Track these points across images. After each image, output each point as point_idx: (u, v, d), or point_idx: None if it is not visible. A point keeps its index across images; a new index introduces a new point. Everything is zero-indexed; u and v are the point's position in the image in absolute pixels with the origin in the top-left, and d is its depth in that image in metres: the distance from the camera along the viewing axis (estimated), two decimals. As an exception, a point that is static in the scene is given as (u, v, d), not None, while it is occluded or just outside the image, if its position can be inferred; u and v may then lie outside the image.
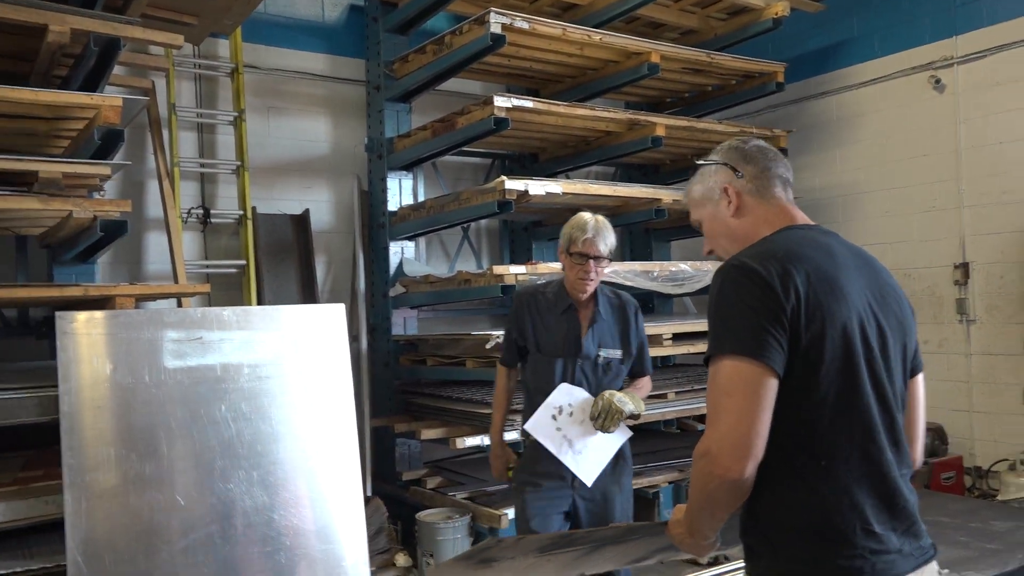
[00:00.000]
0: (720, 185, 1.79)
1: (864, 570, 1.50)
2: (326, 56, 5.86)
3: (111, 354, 3.13)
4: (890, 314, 1.68)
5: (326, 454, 3.45)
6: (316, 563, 3.31)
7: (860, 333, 1.58)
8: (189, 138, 5.38)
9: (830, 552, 1.52)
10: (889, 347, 1.65)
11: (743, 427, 1.47)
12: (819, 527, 1.53)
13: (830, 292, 1.56)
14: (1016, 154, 5.57)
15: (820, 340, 1.52)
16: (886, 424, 1.59)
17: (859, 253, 1.73)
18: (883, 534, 1.54)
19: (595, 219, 3.22)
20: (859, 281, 1.64)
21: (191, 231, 5.31)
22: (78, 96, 3.29)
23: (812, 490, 1.54)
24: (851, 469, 1.54)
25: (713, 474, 1.50)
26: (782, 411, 1.51)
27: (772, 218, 1.74)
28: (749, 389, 1.48)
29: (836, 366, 1.53)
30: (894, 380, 1.65)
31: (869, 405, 1.57)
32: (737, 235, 1.77)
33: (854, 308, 1.58)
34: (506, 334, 3.42)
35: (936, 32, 5.99)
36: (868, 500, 1.54)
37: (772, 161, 1.79)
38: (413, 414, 5.37)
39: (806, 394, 1.53)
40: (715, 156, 1.85)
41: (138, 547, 2.99)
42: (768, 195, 1.76)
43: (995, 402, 5.72)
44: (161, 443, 3.12)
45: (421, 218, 5.38)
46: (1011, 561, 3.83)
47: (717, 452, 1.49)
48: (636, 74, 5.49)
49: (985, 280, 5.76)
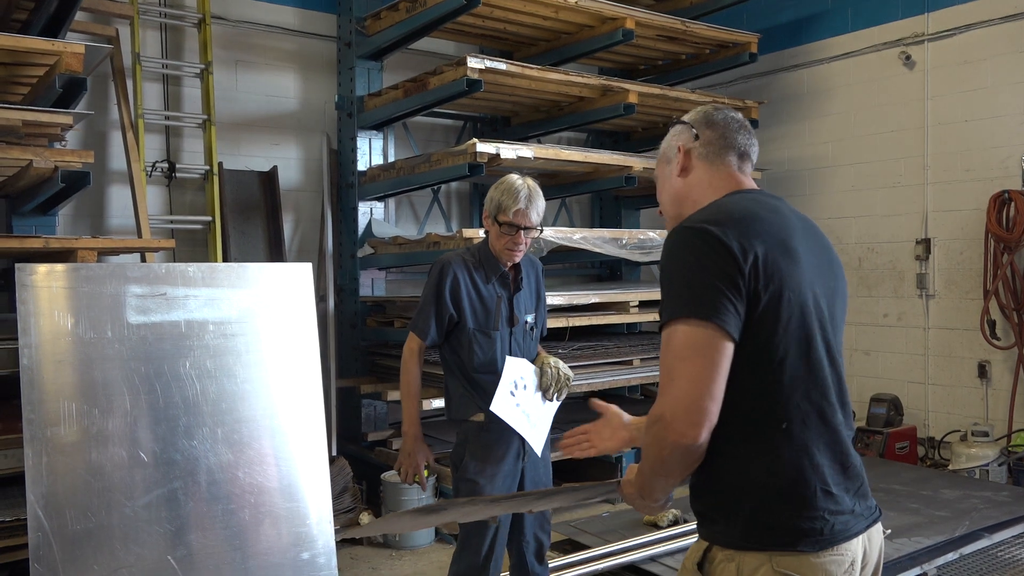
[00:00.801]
0: (676, 144, 1.78)
1: (823, 531, 1.53)
2: (296, 9, 5.73)
3: (72, 308, 3.07)
4: (833, 277, 1.70)
5: (291, 413, 3.44)
6: (280, 521, 3.31)
7: (812, 295, 1.59)
8: (154, 89, 5.25)
9: (790, 514, 1.53)
10: (836, 308, 1.67)
11: (697, 392, 1.45)
12: (779, 489, 1.54)
13: (785, 254, 1.56)
14: (980, 133, 5.66)
15: (777, 301, 1.51)
16: (836, 384, 1.61)
17: (803, 217, 1.73)
18: (839, 495, 1.56)
19: (527, 185, 2.92)
20: (807, 243, 1.64)
21: (155, 185, 5.21)
22: (38, 41, 3.18)
23: (772, 452, 1.54)
24: (809, 430, 1.55)
25: (667, 439, 1.48)
26: (740, 374, 1.50)
27: (717, 183, 1.72)
28: (703, 353, 1.46)
29: (792, 327, 1.53)
30: (839, 341, 1.67)
31: (823, 366, 1.58)
32: (678, 196, 1.76)
33: (806, 270, 1.59)
34: (436, 308, 2.98)
35: (908, 8, 6.02)
36: (825, 461, 1.56)
37: (735, 132, 1.76)
38: (379, 375, 5.37)
39: (764, 356, 1.52)
40: (686, 117, 1.83)
41: (100, 503, 2.97)
42: (718, 161, 1.74)
43: (950, 375, 5.87)
44: (124, 399, 3.09)
45: (391, 179, 5.33)
46: (959, 527, 3.97)
47: (671, 418, 1.47)
48: (611, 40, 5.46)
49: (945, 256, 5.88)
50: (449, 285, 2.95)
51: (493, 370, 2.96)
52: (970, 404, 5.76)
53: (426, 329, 2.99)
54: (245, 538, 3.23)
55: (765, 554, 1.53)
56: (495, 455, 2.98)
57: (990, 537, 3.96)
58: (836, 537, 1.54)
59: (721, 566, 1.57)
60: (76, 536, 2.91)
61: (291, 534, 3.33)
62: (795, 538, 1.53)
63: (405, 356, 3.05)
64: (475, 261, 3.02)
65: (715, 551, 1.59)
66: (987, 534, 3.96)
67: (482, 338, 2.99)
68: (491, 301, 3.01)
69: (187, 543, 3.10)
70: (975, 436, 5.28)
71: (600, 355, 5.26)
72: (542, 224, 2.98)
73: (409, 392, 3.05)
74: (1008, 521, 4.10)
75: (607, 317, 5.27)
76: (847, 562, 1.54)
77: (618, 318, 5.34)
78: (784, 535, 1.53)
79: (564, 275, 7.06)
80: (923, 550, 3.72)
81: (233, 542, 3.19)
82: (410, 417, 3.04)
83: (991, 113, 5.60)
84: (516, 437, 2.98)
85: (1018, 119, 5.47)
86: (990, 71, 5.60)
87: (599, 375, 5.11)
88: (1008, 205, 5.41)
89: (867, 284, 6.29)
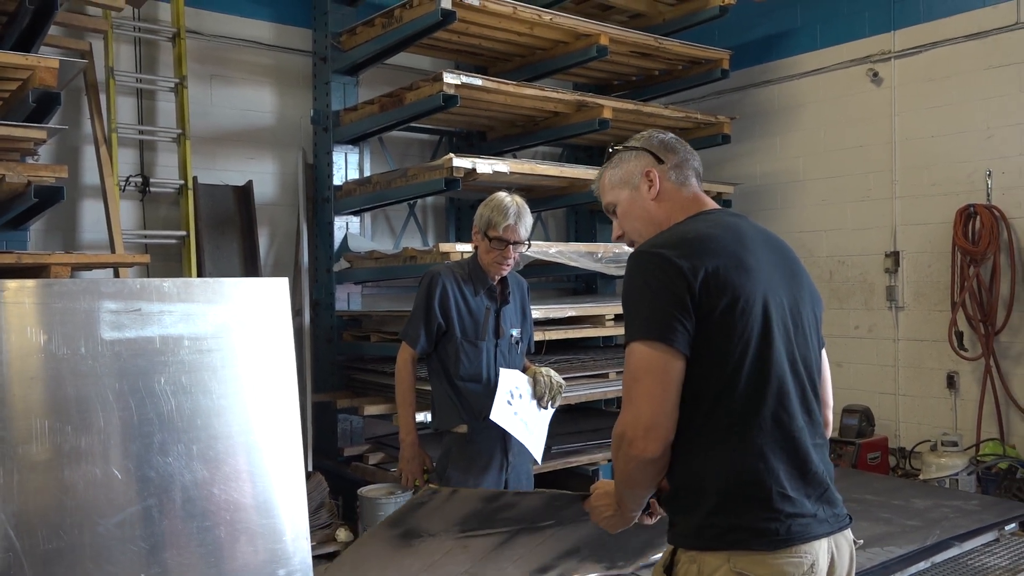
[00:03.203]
0: (642, 170, 1.86)
1: (780, 532, 1.57)
2: (272, 24, 5.74)
3: (44, 324, 3.03)
4: (801, 288, 1.76)
5: (267, 429, 3.42)
6: (256, 537, 3.29)
7: (773, 305, 1.65)
8: (128, 104, 5.22)
9: (746, 515, 1.58)
10: (803, 318, 1.73)
11: (651, 410, 1.57)
12: (735, 492, 1.59)
13: (739, 267, 1.63)
14: (946, 148, 5.78)
15: (730, 313, 1.59)
16: (799, 392, 1.66)
17: (764, 231, 1.83)
18: (797, 498, 1.60)
19: (515, 202, 3.06)
20: (768, 257, 1.72)
21: (129, 200, 5.17)
22: (12, 56, 3.16)
23: (727, 457, 1.60)
24: (764, 435, 1.60)
25: (629, 455, 1.61)
26: (697, 382, 1.59)
27: (687, 205, 1.83)
28: (657, 373, 1.57)
29: (747, 337, 1.60)
30: (808, 350, 1.72)
31: (782, 374, 1.63)
32: (655, 219, 1.84)
33: (761, 282, 1.65)
34: (425, 318, 3.09)
35: (875, 26, 6.15)
36: (782, 465, 1.60)
37: (689, 153, 1.91)
38: (355, 390, 5.35)
39: (719, 364, 1.59)
40: (634, 143, 1.92)
41: (72, 521, 2.93)
42: (685, 184, 1.86)
43: (919, 386, 5.97)
44: (97, 416, 3.05)
45: (367, 193, 5.34)
46: (930, 536, 4.02)
47: (632, 435, 1.60)
48: (585, 56, 5.51)
49: (913, 268, 5.98)
50: (438, 295, 3.06)
51: (478, 379, 3.04)
52: (939, 414, 5.86)
53: (416, 337, 3.09)
54: (221, 555, 3.20)
55: (724, 554, 1.58)
56: (478, 466, 3.05)
57: (960, 546, 4.02)
58: (794, 538, 1.58)
59: (684, 568, 1.63)
60: (48, 555, 2.87)
61: (267, 551, 3.30)
62: (751, 537, 1.57)
63: (399, 365, 3.16)
64: (464, 274, 3.13)
65: (680, 553, 1.64)
66: (957, 543, 4.02)
67: (469, 348, 3.08)
68: (479, 313, 3.11)
69: (161, 561, 3.07)
70: (944, 446, 5.36)
71: (576, 368, 5.28)
72: (530, 239, 3.09)
73: (404, 400, 3.16)
74: (977, 530, 4.17)
75: (583, 330, 5.29)
76: (806, 564, 1.58)
77: (594, 331, 5.37)
78: (740, 535, 1.58)
79: (540, 289, 7.09)
80: (895, 559, 3.77)
81: (208, 559, 3.16)
82: (406, 425, 3.14)
83: (957, 129, 5.72)
84: (499, 449, 3.03)
85: (983, 135, 5.60)
86: (955, 88, 5.73)
87: (576, 388, 5.12)
88: (974, 219, 5.53)
89: (838, 297, 6.38)
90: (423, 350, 3.11)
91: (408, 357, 3.14)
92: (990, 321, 5.48)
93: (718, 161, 7.02)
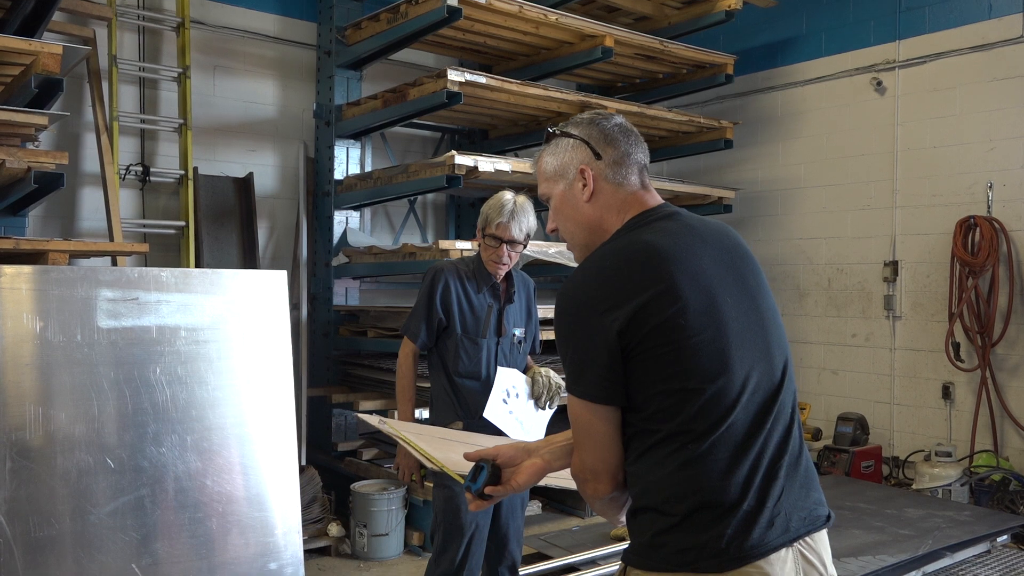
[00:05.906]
0: (577, 165, 1.71)
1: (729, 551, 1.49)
2: (277, 17, 5.73)
3: (41, 311, 3.03)
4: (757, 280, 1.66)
5: (262, 421, 3.41)
6: (248, 530, 3.28)
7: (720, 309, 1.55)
8: (130, 92, 5.21)
9: (691, 534, 1.51)
10: (761, 313, 1.63)
11: (593, 456, 1.59)
12: (698, 502, 1.51)
13: (676, 285, 1.53)
14: (948, 159, 5.79)
15: (669, 336, 1.50)
16: (760, 403, 1.56)
17: (708, 227, 1.69)
18: (751, 512, 1.51)
19: (514, 201, 3.02)
20: (714, 256, 1.61)
21: (129, 189, 5.16)
22: (15, 41, 3.15)
23: (678, 475, 1.52)
24: (719, 450, 1.51)
25: (587, 493, 1.64)
26: (648, 405, 1.53)
27: (623, 206, 1.69)
28: (594, 425, 1.58)
29: (696, 351, 1.51)
30: (770, 353, 1.61)
31: (739, 384, 1.54)
32: (588, 223, 1.71)
33: (708, 288, 1.55)
34: (426, 312, 3.08)
35: (880, 35, 6.15)
36: (739, 480, 1.51)
37: (632, 145, 1.74)
38: (351, 385, 5.35)
39: (673, 377, 1.51)
40: (573, 129, 1.77)
41: (64, 509, 2.92)
42: (623, 182, 1.70)
43: (915, 395, 5.97)
44: (92, 404, 3.04)
45: (367, 188, 5.33)
46: (922, 546, 4.03)
47: (582, 478, 1.62)
48: (590, 57, 5.51)
49: (912, 278, 5.99)
50: (440, 291, 3.07)
51: (477, 376, 3.06)
52: (934, 424, 5.86)
53: (417, 332, 3.10)
54: (212, 547, 3.19)
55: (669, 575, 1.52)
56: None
57: (952, 556, 4.03)
58: (746, 556, 1.49)
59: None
60: (39, 543, 2.86)
61: (258, 544, 3.29)
62: (700, 558, 1.50)
63: (400, 360, 3.17)
64: (468, 271, 3.13)
65: (629, 572, 1.59)
66: (949, 553, 4.03)
67: (469, 345, 3.08)
68: (481, 310, 3.11)
69: (153, 551, 3.06)
70: (938, 456, 5.36)
71: (572, 369, 5.29)
72: (528, 239, 3.07)
73: (404, 395, 3.18)
74: (969, 540, 4.18)
75: (580, 331, 5.28)
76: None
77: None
78: (688, 556, 1.51)
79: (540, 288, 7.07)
80: (887, 568, 3.77)
81: (200, 551, 3.16)
82: (405, 418, 3.15)
83: (958, 140, 5.73)
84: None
85: (984, 147, 5.60)
86: (958, 99, 5.74)
87: (571, 389, 5.13)
88: (974, 231, 5.53)
89: (836, 304, 6.38)
90: (424, 345, 3.11)
91: (409, 352, 3.14)
92: (987, 333, 5.49)
93: (720, 166, 7.02)
